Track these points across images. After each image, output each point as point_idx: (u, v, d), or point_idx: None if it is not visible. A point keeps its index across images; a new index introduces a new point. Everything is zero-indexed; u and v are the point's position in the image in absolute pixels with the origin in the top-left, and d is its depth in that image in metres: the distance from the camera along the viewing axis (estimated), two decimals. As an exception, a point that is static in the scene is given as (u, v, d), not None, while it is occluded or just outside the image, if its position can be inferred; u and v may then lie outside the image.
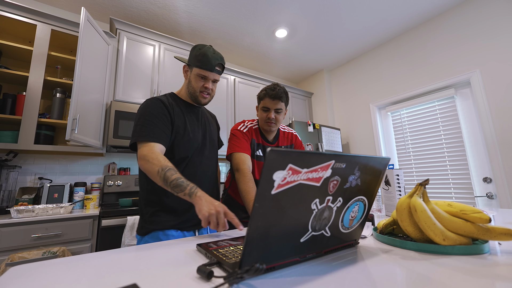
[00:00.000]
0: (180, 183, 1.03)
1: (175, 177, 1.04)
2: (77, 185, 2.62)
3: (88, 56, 2.39)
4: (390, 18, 3.42)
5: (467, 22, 3.10)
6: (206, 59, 1.32)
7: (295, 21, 3.42)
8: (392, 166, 1.43)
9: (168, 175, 1.04)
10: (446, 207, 0.80)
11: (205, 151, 1.38)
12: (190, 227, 1.26)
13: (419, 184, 0.84)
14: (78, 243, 2.10)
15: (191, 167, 1.30)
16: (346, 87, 4.62)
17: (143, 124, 1.18)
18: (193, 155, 1.31)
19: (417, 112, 3.54)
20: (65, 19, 2.61)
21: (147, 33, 3.12)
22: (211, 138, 1.45)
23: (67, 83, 2.64)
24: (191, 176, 1.25)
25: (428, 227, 0.73)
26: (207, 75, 1.34)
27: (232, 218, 0.94)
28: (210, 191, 1.37)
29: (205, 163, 1.36)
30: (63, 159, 2.79)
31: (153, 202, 1.24)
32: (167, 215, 1.22)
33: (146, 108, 1.23)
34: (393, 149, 3.81)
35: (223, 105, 3.73)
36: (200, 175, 1.32)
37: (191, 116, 1.38)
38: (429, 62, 3.42)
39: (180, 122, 1.29)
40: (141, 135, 1.16)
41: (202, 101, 1.38)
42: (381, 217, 1.34)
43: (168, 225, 1.21)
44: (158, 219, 1.21)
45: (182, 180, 1.04)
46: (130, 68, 2.93)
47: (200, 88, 1.35)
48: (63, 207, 2.12)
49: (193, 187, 1.02)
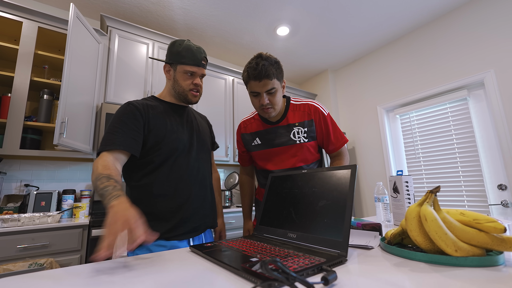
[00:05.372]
0: (104, 192, 0.91)
1: (104, 186, 0.93)
2: (66, 192, 2.61)
3: (78, 55, 2.41)
4: (399, 14, 3.44)
5: (480, 19, 3.12)
6: (191, 54, 1.30)
7: (297, 18, 3.45)
8: (401, 173, 1.43)
9: (98, 184, 0.95)
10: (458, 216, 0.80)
11: (193, 152, 1.34)
12: (182, 235, 1.22)
13: (429, 191, 0.84)
14: (66, 254, 2.09)
15: (177, 170, 1.26)
16: (352, 88, 4.64)
17: (111, 132, 1.16)
18: (178, 157, 1.28)
19: (428, 115, 3.55)
20: (53, 16, 2.62)
21: (140, 31, 3.14)
22: (200, 139, 1.42)
23: (55, 84, 2.65)
24: (177, 182, 1.24)
25: (439, 237, 0.74)
26: (195, 71, 1.32)
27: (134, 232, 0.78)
28: (202, 198, 1.33)
29: (194, 166, 1.33)
30: (50, 165, 2.79)
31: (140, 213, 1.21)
32: (154, 224, 1.18)
33: (116, 114, 1.21)
34: (402, 154, 3.81)
35: (221, 107, 3.74)
36: (187, 179, 1.29)
37: (174, 116, 1.35)
38: (440, 61, 3.44)
39: (159, 124, 1.26)
40: (107, 143, 1.12)
41: (193, 100, 1.37)
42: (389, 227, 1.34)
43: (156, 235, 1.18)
44: None
45: (108, 188, 0.92)
46: (122, 68, 2.95)
47: (190, 86, 1.33)
48: (50, 216, 2.12)
49: (113, 196, 0.88)
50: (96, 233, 2.18)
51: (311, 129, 1.56)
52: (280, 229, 1.03)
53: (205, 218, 1.33)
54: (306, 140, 1.55)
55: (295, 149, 1.55)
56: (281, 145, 1.57)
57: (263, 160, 1.63)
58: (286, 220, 1.03)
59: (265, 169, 1.63)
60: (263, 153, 1.62)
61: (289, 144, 1.55)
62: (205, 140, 1.46)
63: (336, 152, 1.64)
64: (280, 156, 1.58)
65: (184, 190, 1.26)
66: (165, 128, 1.27)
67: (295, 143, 1.55)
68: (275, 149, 1.58)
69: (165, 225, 1.19)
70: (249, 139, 1.69)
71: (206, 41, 3.90)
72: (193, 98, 1.36)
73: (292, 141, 1.55)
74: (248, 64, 1.43)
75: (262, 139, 1.63)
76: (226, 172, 4.12)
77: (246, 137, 1.70)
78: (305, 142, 1.55)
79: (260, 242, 0.97)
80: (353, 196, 0.86)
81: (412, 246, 0.88)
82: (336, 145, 1.60)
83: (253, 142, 1.66)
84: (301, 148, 1.55)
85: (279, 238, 1.00)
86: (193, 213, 1.27)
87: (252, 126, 1.69)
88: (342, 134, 1.62)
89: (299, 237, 0.93)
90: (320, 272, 0.67)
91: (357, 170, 0.92)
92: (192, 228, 1.25)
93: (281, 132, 1.58)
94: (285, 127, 1.58)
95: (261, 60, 1.38)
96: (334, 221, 0.86)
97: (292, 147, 1.55)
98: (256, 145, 1.64)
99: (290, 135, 1.56)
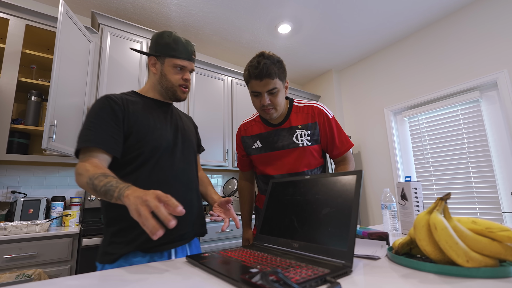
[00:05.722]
0: (109, 188, 0.91)
1: (104, 182, 0.93)
2: (55, 199, 2.61)
3: (67, 54, 2.42)
4: (408, 11, 3.46)
5: (493, 16, 3.14)
6: (181, 47, 1.29)
7: (300, 15, 3.47)
8: (409, 178, 1.44)
9: (96, 183, 0.94)
10: (470, 225, 0.80)
11: (177, 152, 1.30)
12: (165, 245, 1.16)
13: (439, 198, 0.84)
14: (56, 265, 2.09)
15: (159, 171, 1.21)
16: (357, 89, 4.65)
17: (88, 128, 1.11)
18: (162, 157, 1.24)
19: (438, 117, 3.56)
20: (41, 13, 2.63)
21: (134, 29, 3.16)
22: (185, 138, 1.38)
23: (43, 85, 2.66)
24: (160, 183, 1.20)
25: (449, 247, 0.74)
26: (186, 65, 1.31)
27: (170, 202, 0.79)
28: (189, 202, 1.28)
29: (179, 167, 1.29)
30: (39, 171, 2.80)
31: (113, 220, 1.15)
32: (131, 232, 1.12)
33: (92, 108, 1.17)
34: (410, 159, 3.82)
35: (219, 110, 3.75)
36: (172, 181, 1.24)
37: (157, 113, 1.32)
38: (451, 61, 3.46)
39: (141, 121, 1.23)
40: (84, 140, 1.09)
41: (182, 96, 1.35)
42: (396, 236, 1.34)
43: (132, 246, 1.10)
44: (119, 240, 1.11)
45: (112, 183, 0.92)
46: (115, 67, 2.96)
47: (179, 81, 1.31)
48: (39, 224, 2.12)
49: (123, 187, 0.88)
50: (87, 242, 2.18)
51: (314, 132, 1.56)
52: (281, 238, 1.03)
53: (192, 224, 1.28)
54: (309, 143, 1.55)
55: (297, 153, 1.55)
56: (283, 148, 1.57)
57: (264, 164, 1.63)
58: (288, 228, 1.03)
59: (266, 173, 1.63)
60: (264, 156, 1.62)
61: (292, 148, 1.55)
62: (191, 140, 1.43)
63: (341, 157, 1.64)
64: (282, 160, 1.58)
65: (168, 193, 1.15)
66: (148, 125, 1.24)
67: (298, 146, 1.55)
68: (277, 152, 1.58)
69: (143, 234, 1.10)
70: (249, 142, 1.69)
71: (203, 39, 3.92)
72: (182, 95, 1.35)
73: (295, 144, 1.55)
74: (249, 63, 1.44)
75: (263, 142, 1.63)
76: (225, 178, 4.12)
77: (246, 140, 1.70)
78: (308, 145, 1.55)
79: (261, 252, 0.97)
80: (358, 203, 0.87)
81: (421, 256, 0.88)
82: (341, 149, 1.60)
83: (254, 145, 1.66)
84: (304, 151, 1.55)
85: (280, 248, 1.00)
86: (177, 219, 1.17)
87: (252, 128, 1.69)
88: (348, 138, 1.63)
89: (302, 247, 0.93)
90: (323, 284, 0.67)
91: (363, 175, 0.92)
92: (178, 236, 1.20)
93: (283, 135, 1.58)
94: (287, 130, 1.58)
95: (263, 59, 1.39)
96: (339, 230, 0.87)
97: (294, 151, 1.55)
98: (257, 148, 1.64)
99: (293, 138, 1.56)
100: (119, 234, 1.12)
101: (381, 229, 1.28)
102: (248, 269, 0.76)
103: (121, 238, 1.11)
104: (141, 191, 0.83)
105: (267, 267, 0.77)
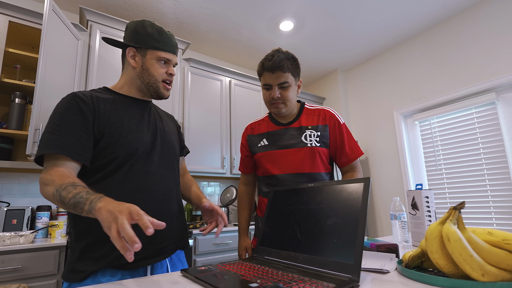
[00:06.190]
0: (78, 200, 0.87)
1: (73, 194, 0.89)
2: (40, 209, 2.59)
3: (54, 53, 2.43)
4: (418, 7, 3.47)
5: (511, 12, 3.14)
6: (166, 38, 1.26)
7: (303, 11, 3.48)
8: (420, 186, 1.44)
9: (64, 194, 0.90)
10: (486, 236, 0.80)
11: (155, 157, 1.24)
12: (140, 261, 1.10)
13: (453, 208, 0.84)
14: (41, 279, 2.08)
15: (133, 178, 1.14)
16: (364, 90, 4.67)
17: (51, 131, 1.05)
18: (136, 162, 1.17)
19: (451, 121, 3.57)
20: (26, 9, 2.63)
21: (124, 26, 3.12)
22: (164, 141, 1.32)
23: (28, 86, 2.66)
24: (134, 191, 1.14)
25: (463, 260, 0.74)
26: (171, 59, 1.28)
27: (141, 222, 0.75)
28: (168, 212, 1.23)
29: (156, 173, 1.22)
30: (23, 178, 2.79)
31: (83, 233, 1.08)
32: (101, 247, 1.06)
33: (56, 109, 1.11)
34: (421, 166, 3.82)
35: (216, 113, 3.76)
36: (148, 189, 1.17)
37: (133, 113, 1.25)
38: (465, 60, 3.47)
39: (113, 121, 1.16)
40: (46, 145, 1.02)
41: (166, 94, 1.32)
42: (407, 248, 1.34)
43: (102, 263, 1.04)
44: (89, 255, 1.05)
45: (81, 194, 0.88)
46: (104, 67, 2.97)
47: (163, 76, 1.27)
48: (23, 235, 2.12)
49: (94, 199, 0.85)
50: (73, 255, 2.17)
51: (324, 134, 1.62)
52: (283, 251, 1.03)
53: (173, 236, 1.23)
54: (318, 144, 1.59)
55: (304, 152, 1.58)
56: (290, 147, 1.61)
57: (268, 163, 1.66)
58: (290, 240, 1.03)
59: (269, 173, 1.65)
60: (269, 154, 1.65)
61: (299, 147, 1.59)
62: (172, 143, 1.37)
63: (349, 166, 1.67)
64: (288, 159, 1.61)
65: (143, 203, 1.10)
66: (121, 127, 1.17)
67: (306, 146, 1.58)
68: (283, 151, 1.62)
69: (115, 248, 1.00)
70: (255, 140, 1.73)
71: (199, 37, 3.94)
72: (166, 92, 1.31)
73: (303, 143, 1.59)
74: (264, 57, 1.56)
75: (270, 140, 1.68)
76: (222, 186, 4.12)
77: (253, 138, 1.75)
78: (317, 146, 1.58)
79: (261, 265, 0.97)
80: (366, 213, 0.87)
81: (433, 270, 0.88)
82: (350, 156, 1.64)
83: (260, 143, 1.70)
84: (311, 152, 1.58)
85: (282, 261, 1.00)
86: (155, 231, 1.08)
87: (260, 127, 1.75)
88: (358, 146, 1.68)
89: (305, 260, 0.93)
90: (329, 300, 0.67)
91: (370, 183, 0.93)
92: (156, 250, 1.15)
93: (292, 134, 1.63)
94: (296, 129, 1.64)
95: (278, 53, 1.52)
96: (345, 242, 0.87)
97: (301, 150, 1.59)
98: (262, 146, 1.68)
99: (301, 137, 1.61)
100: (89, 249, 1.06)
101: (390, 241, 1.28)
102: (248, 283, 0.76)
103: (91, 253, 1.06)
104: (115, 204, 0.81)
105: (268, 281, 0.77)
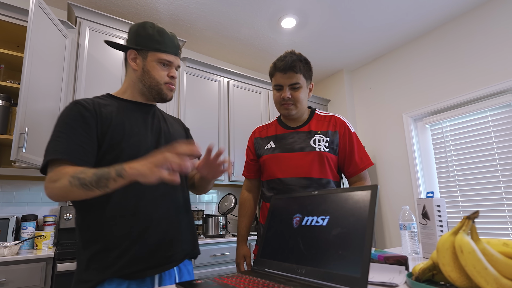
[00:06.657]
0: (101, 174, 0.98)
1: (93, 172, 0.99)
2: (26, 218, 2.60)
3: (40, 52, 2.44)
4: (429, 3, 3.48)
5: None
6: (167, 40, 1.30)
7: (306, 7, 3.49)
8: (431, 194, 1.44)
9: (82, 176, 0.99)
10: (501, 247, 0.80)
11: None
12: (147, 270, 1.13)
13: (466, 217, 0.85)
14: (26, 294, 2.09)
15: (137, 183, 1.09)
16: (372, 92, 4.68)
17: (54, 139, 1.12)
18: None
19: (464, 124, 3.58)
20: (10, 5, 2.62)
21: (116, 23, 3.17)
22: (169, 143, 1.35)
23: (12, 87, 2.66)
24: (138, 198, 1.17)
25: (477, 273, 0.74)
26: (172, 61, 1.32)
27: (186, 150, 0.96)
28: (174, 219, 1.26)
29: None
30: (7, 185, 2.79)
31: (89, 242, 1.13)
32: (107, 255, 1.10)
33: (60, 117, 1.17)
34: (432, 172, 3.83)
35: (214, 116, 3.76)
36: (152, 194, 1.21)
37: (135, 116, 1.30)
38: (478, 60, 3.48)
39: (115, 125, 1.21)
40: (52, 151, 1.09)
41: (169, 95, 1.36)
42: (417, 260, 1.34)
43: (108, 273, 1.08)
44: (95, 264, 1.09)
45: (101, 170, 0.99)
46: (94, 67, 2.97)
47: (165, 79, 1.31)
48: (7, 247, 2.11)
49: (118, 166, 0.99)
50: (62, 267, 2.17)
51: (333, 141, 1.65)
52: (285, 263, 1.03)
53: (181, 243, 1.25)
54: (327, 150, 1.62)
55: (312, 157, 1.61)
56: (298, 151, 1.64)
57: (273, 166, 1.68)
58: (292, 252, 1.04)
59: (274, 177, 1.67)
60: (275, 157, 1.68)
61: (307, 151, 1.63)
62: None
63: (357, 176, 1.70)
64: (294, 163, 1.64)
65: (148, 209, 1.18)
66: (122, 129, 1.22)
67: (314, 150, 1.62)
68: (290, 154, 1.65)
69: (122, 257, 1.09)
70: (262, 143, 1.77)
71: (196, 35, 3.95)
72: (169, 93, 1.35)
73: (311, 147, 1.63)
74: (277, 58, 1.64)
75: (277, 143, 1.71)
76: (220, 194, 4.12)
77: (260, 141, 1.78)
78: (325, 151, 1.61)
79: (261, 278, 0.97)
80: (373, 223, 0.87)
81: (445, 283, 0.89)
82: (360, 166, 1.67)
83: (266, 146, 1.73)
84: (319, 157, 1.61)
85: (284, 274, 1.01)
86: (162, 238, 1.18)
87: (268, 131, 1.80)
88: (368, 156, 1.71)
89: (309, 273, 0.94)
90: (334, 315, 0.68)
91: (378, 191, 0.93)
92: (164, 258, 1.18)
93: (301, 138, 1.67)
94: (305, 133, 1.68)
95: (290, 54, 1.61)
96: (351, 253, 0.87)
97: (309, 154, 1.62)
98: (269, 148, 1.72)
99: (310, 141, 1.64)
100: (96, 258, 1.10)
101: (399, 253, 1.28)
102: (248, 298, 0.76)
103: (97, 262, 1.09)
104: (141, 159, 0.97)
105: (269, 295, 0.78)
